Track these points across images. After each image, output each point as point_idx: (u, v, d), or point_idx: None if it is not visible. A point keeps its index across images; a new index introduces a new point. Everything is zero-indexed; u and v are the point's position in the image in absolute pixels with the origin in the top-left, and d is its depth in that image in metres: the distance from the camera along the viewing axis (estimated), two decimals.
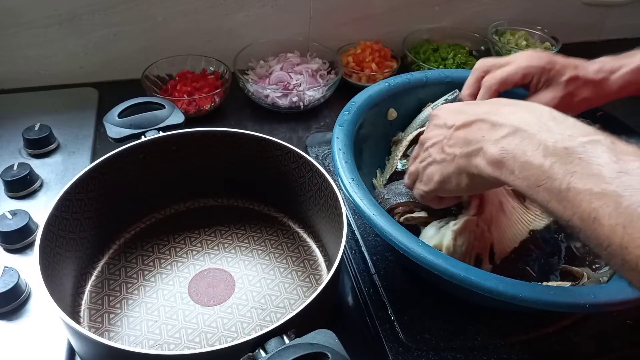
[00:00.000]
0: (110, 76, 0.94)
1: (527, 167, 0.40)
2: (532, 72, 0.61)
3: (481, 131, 0.45)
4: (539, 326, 0.59)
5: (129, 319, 0.57)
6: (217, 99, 0.88)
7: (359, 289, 0.62)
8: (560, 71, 0.61)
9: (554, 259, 0.59)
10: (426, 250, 0.49)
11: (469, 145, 0.46)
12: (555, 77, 0.61)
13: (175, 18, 0.91)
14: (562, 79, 0.61)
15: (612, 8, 1.16)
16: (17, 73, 0.90)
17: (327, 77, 0.95)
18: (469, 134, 0.47)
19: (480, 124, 0.46)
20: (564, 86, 0.61)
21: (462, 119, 0.48)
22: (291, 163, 0.64)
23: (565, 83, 0.61)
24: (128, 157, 0.62)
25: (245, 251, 0.65)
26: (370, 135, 0.69)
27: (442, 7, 1.04)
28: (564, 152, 0.38)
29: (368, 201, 0.54)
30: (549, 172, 0.38)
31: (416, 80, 0.72)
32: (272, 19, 0.96)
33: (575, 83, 0.61)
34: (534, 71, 0.61)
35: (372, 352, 0.57)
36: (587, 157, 0.37)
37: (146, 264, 0.63)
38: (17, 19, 0.85)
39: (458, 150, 0.48)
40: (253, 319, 0.57)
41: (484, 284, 0.46)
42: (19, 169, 0.71)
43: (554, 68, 0.61)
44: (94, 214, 0.60)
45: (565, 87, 0.61)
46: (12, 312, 0.57)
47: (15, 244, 0.63)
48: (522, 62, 0.62)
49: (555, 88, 0.61)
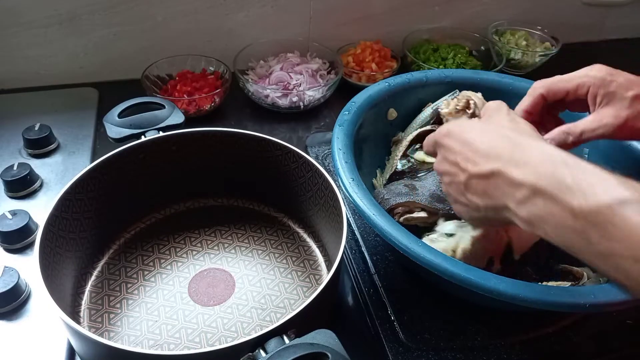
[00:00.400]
0: (110, 76, 0.94)
1: (560, 230, 0.38)
2: (588, 82, 0.54)
3: (500, 188, 0.43)
4: (539, 326, 0.59)
5: (129, 319, 0.57)
6: (217, 99, 0.88)
7: (359, 289, 0.62)
8: (625, 85, 0.53)
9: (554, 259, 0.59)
10: (426, 250, 0.49)
11: (492, 199, 0.44)
12: (618, 91, 0.53)
13: (175, 18, 0.91)
14: (628, 94, 0.52)
15: (612, 8, 1.16)
16: (17, 73, 0.90)
17: (327, 77, 0.95)
18: (488, 188, 0.44)
19: (497, 179, 0.43)
20: (630, 103, 0.52)
21: (477, 168, 0.45)
22: (291, 163, 0.64)
23: (631, 99, 0.52)
24: (128, 157, 0.62)
25: (245, 251, 0.65)
26: (370, 135, 0.69)
27: (442, 7, 1.04)
28: (593, 216, 0.36)
29: (368, 201, 0.54)
30: (584, 236, 0.37)
31: (416, 80, 0.72)
32: (272, 19, 0.96)
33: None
34: (591, 81, 0.54)
35: (372, 352, 0.57)
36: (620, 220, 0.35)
37: (146, 264, 0.63)
38: (17, 19, 0.85)
39: (481, 202, 0.45)
40: (253, 319, 0.57)
41: (484, 284, 0.46)
42: (19, 169, 0.71)
43: (617, 81, 0.53)
44: (94, 214, 0.60)
45: (631, 104, 0.52)
46: (12, 312, 0.57)
47: (15, 244, 0.63)
48: (579, 72, 0.56)
49: (619, 105, 0.53)
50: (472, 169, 0.45)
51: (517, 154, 0.43)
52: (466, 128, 0.49)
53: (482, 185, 0.45)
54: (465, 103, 0.60)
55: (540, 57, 1.03)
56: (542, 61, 1.03)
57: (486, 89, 0.72)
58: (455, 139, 0.49)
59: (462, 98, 0.62)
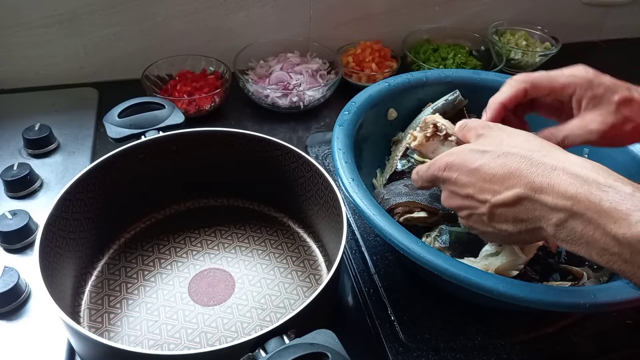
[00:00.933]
0: (110, 76, 0.94)
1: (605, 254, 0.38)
2: (575, 83, 0.53)
3: (531, 211, 0.41)
4: (539, 326, 0.59)
5: (129, 319, 0.57)
6: (217, 99, 0.88)
7: (359, 289, 0.62)
8: (611, 88, 0.52)
9: (554, 259, 0.59)
10: (426, 250, 0.49)
11: (524, 223, 0.43)
12: (605, 95, 0.51)
13: (175, 18, 0.91)
14: (615, 98, 0.51)
15: (612, 8, 1.16)
16: (17, 73, 0.90)
17: (327, 77, 0.95)
18: (518, 213, 0.42)
19: (525, 203, 0.42)
20: (616, 107, 0.51)
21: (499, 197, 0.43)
22: (291, 163, 0.64)
23: (617, 104, 0.51)
24: (128, 157, 0.62)
25: (245, 251, 0.65)
26: (370, 135, 0.69)
27: (442, 7, 1.04)
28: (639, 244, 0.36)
29: (368, 201, 0.54)
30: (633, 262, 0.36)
31: (416, 80, 0.72)
32: (272, 19, 0.96)
33: (629, 106, 0.51)
34: (579, 82, 0.52)
35: (372, 352, 0.57)
36: None
37: (146, 264, 0.63)
38: (17, 19, 0.85)
39: (513, 228, 0.44)
40: (253, 319, 0.57)
41: (484, 284, 0.46)
42: (19, 169, 0.71)
43: (604, 84, 0.52)
44: (94, 214, 0.60)
45: (617, 108, 0.51)
46: (12, 312, 0.57)
47: (15, 244, 0.63)
48: (565, 71, 0.54)
49: (606, 109, 0.51)
50: (493, 199, 0.43)
51: (538, 176, 0.41)
52: (466, 156, 0.46)
53: (511, 213, 0.43)
54: (433, 128, 0.56)
55: (540, 57, 1.03)
56: (542, 61, 1.03)
57: (486, 89, 0.71)
58: (459, 170, 0.46)
59: (427, 125, 0.57)
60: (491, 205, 0.44)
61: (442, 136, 0.55)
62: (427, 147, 0.57)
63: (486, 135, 0.48)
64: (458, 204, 0.48)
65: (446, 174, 0.48)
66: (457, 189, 0.47)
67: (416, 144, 0.57)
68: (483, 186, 0.44)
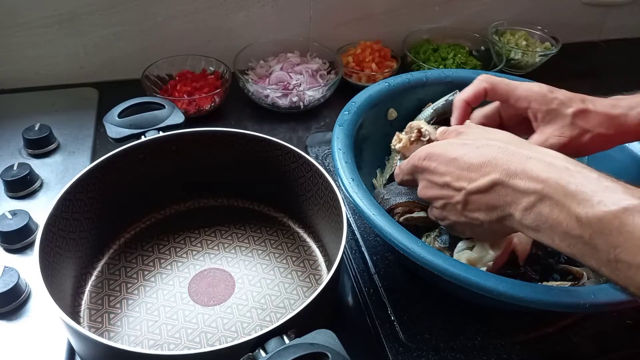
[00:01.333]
0: (110, 76, 0.94)
1: (567, 237, 0.39)
2: (530, 97, 0.54)
3: (503, 197, 0.43)
4: (539, 326, 0.59)
5: (129, 319, 0.57)
6: (217, 99, 0.88)
7: (359, 289, 0.62)
8: (565, 102, 0.53)
9: (554, 259, 0.59)
10: (426, 250, 0.49)
11: (494, 210, 0.44)
12: (559, 109, 0.53)
13: (175, 18, 0.91)
14: (569, 110, 0.53)
15: (612, 8, 1.16)
16: (17, 73, 0.90)
17: (327, 77, 0.95)
18: (490, 199, 0.44)
19: (499, 189, 0.43)
20: (571, 120, 0.53)
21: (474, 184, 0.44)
22: (291, 163, 0.64)
23: (572, 116, 0.53)
24: (128, 157, 0.62)
25: (245, 251, 0.65)
26: (370, 135, 0.69)
27: (442, 7, 1.04)
28: (599, 224, 0.36)
29: (368, 201, 0.54)
30: (591, 244, 0.37)
31: (416, 80, 0.72)
32: (272, 19, 0.96)
33: (585, 117, 0.53)
34: (534, 97, 0.54)
35: (372, 352, 0.57)
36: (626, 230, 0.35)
37: (146, 264, 0.63)
38: (17, 19, 0.85)
39: (484, 216, 0.45)
40: (253, 319, 0.57)
41: (484, 284, 0.46)
42: (19, 169, 0.71)
43: (558, 98, 0.54)
44: (94, 214, 0.60)
45: (572, 121, 0.53)
46: (12, 312, 0.57)
47: (15, 244, 0.63)
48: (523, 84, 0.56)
49: (561, 122, 0.53)
50: (469, 186, 0.45)
51: (513, 163, 0.42)
52: (447, 147, 0.48)
53: (484, 199, 0.44)
54: (418, 133, 0.58)
55: (540, 57, 1.03)
56: (542, 61, 1.03)
57: None
58: (438, 160, 0.48)
59: (412, 129, 0.59)
60: (467, 192, 0.45)
61: (425, 141, 0.58)
62: (410, 149, 0.59)
63: (466, 132, 0.50)
64: (434, 194, 0.49)
65: (425, 162, 0.49)
66: (434, 178, 0.48)
67: (400, 146, 0.60)
68: (460, 174, 0.45)
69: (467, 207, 0.46)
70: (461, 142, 0.48)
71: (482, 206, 0.45)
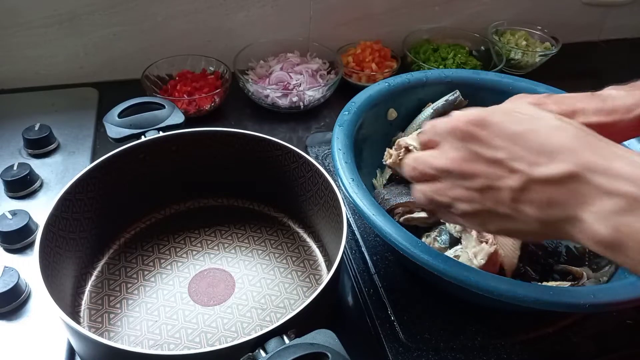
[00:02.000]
0: (110, 76, 0.94)
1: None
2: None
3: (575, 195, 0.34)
4: (539, 326, 0.59)
5: (129, 319, 0.57)
6: (217, 99, 0.88)
7: (359, 289, 0.62)
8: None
9: (554, 259, 0.59)
10: (426, 250, 0.49)
11: (556, 208, 0.35)
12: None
13: (175, 18, 0.91)
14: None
15: (612, 8, 1.16)
16: (17, 73, 0.90)
17: (327, 77, 0.95)
18: (557, 194, 0.35)
19: (573, 183, 0.34)
20: None
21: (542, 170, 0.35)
22: (291, 163, 0.64)
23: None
24: (128, 157, 0.62)
25: (245, 251, 0.65)
26: (370, 135, 0.69)
27: (442, 7, 1.04)
28: None
29: (368, 201, 0.54)
30: None
31: (416, 80, 0.72)
32: (272, 19, 0.96)
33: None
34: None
35: (372, 352, 0.57)
36: None
37: (146, 264, 0.63)
38: (17, 19, 0.85)
39: (536, 213, 0.36)
40: (253, 319, 0.57)
41: (484, 285, 0.46)
42: (19, 169, 0.71)
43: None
44: (94, 214, 0.60)
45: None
46: (12, 312, 0.57)
47: (15, 244, 0.63)
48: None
49: None
50: (532, 171, 0.36)
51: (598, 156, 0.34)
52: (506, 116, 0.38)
53: (548, 193, 0.35)
54: (405, 150, 0.58)
55: (540, 57, 1.03)
56: (542, 61, 1.03)
57: (486, 89, 0.72)
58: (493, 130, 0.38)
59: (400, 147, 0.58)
60: (527, 179, 0.36)
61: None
62: (400, 165, 0.59)
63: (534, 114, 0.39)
64: (475, 169, 0.39)
65: (475, 129, 0.39)
66: (483, 151, 0.38)
67: (391, 161, 0.60)
68: (521, 154, 0.36)
69: (520, 198, 0.37)
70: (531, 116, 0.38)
71: (542, 200, 0.36)
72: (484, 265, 0.52)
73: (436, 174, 0.42)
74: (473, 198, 0.40)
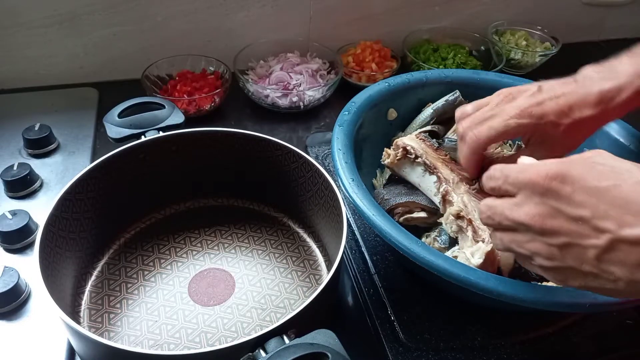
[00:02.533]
0: (110, 76, 0.94)
1: None
2: (523, 131, 0.52)
3: None
4: (539, 326, 0.59)
5: (129, 319, 0.57)
6: (217, 99, 0.88)
7: (359, 289, 0.62)
8: (555, 122, 0.51)
9: None
10: (426, 250, 0.49)
11: None
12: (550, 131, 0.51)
13: (175, 18, 0.91)
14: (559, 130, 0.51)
15: (612, 8, 1.16)
16: (17, 73, 0.90)
17: (327, 77, 0.95)
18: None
19: None
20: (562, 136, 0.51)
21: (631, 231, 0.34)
22: (291, 163, 0.64)
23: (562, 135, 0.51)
24: (128, 157, 0.62)
25: (245, 251, 0.65)
26: (370, 135, 0.69)
27: (442, 7, 1.04)
28: None
29: (368, 201, 0.54)
30: None
31: (416, 80, 0.72)
32: (272, 19, 0.96)
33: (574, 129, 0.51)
34: (525, 130, 0.52)
35: (372, 352, 0.57)
36: None
37: (146, 264, 0.63)
38: (17, 19, 0.85)
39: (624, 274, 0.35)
40: (253, 319, 0.57)
41: (484, 285, 0.46)
42: (19, 169, 0.71)
43: (548, 120, 0.51)
44: (94, 214, 0.60)
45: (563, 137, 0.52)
46: (12, 312, 0.57)
47: (15, 244, 0.63)
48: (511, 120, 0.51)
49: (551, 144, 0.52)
50: (620, 231, 0.34)
51: None
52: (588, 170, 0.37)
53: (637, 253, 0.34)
54: (403, 151, 0.60)
55: (540, 57, 1.03)
56: (542, 61, 1.03)
57: (486, 89, 0.71)
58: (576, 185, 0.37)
59: (398, 147, 0.61)
60: (614, 239, 0.34)
61: (412, 159, 0.59)
62: (398, 165, 0.62)
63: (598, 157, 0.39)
64: (558, 227, 0.37)
65: (557, 185, 0.37)
66: (566, 208, 0.37)
67: (389, 161, 0.62)
68: (608, 212, 0.35)
69: (605, 257, 0.35)
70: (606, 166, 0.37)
71: (631, 261, 0.34)
72: (481, 264, 0.52)
73: (514, 226, 0.41)
74: (554, 255, 0.38)
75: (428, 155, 0.59)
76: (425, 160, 0.58)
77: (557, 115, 0.51)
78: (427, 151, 0.59)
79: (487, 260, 0.52)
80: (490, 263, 0.52)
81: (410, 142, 0.61)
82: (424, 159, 0.59)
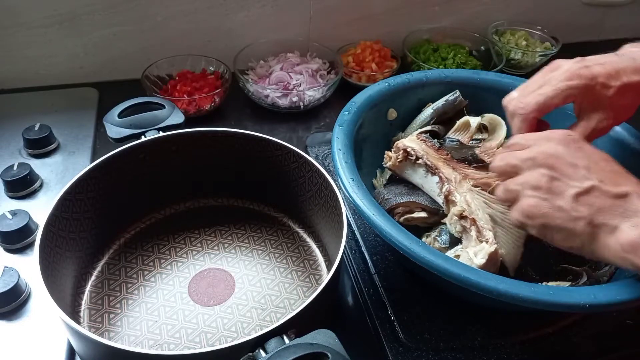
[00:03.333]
0: (110, 76, 0.94)
1: None
2: (573, 95, 0.52)
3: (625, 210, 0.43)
4: (539, 326, 0.59)
5: (129, 319, 0.57)
6: (217, 99, 0.88)
7: (359, 289, 0.62)
8: (605, 83, 0.52)
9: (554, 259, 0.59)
10: (426, 250, 0.49)
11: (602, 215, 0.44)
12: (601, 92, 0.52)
13: (175, 18, 0.91)
14: (610, 92, 0.52)
15: (612, 8, 1.16)
16: (17, 73, 0.90)
17: (327, 77, 0.95)
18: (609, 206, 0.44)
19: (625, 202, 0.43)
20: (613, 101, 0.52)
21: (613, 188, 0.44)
22: (291, 163, 0.64)
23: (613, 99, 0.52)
24: (128, 157, 0.62)
25: (245, 251, 0.65)
26: (370, 135, 0.69)
27: (442, 7, 1.04)
28: None
29: (368, 201, 0.54)
30: None
31: (416, 80, 0.72)
32: (272, 19, 0.96)
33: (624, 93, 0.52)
34: (576, 92, 0.52)
35: (372, 352, 0.57)
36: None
37: (146, 264, 0.63)
38: (17, 19, 0.85)
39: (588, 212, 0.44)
40: (253, 319, 0.57)
41: (484, 284, 0.46)
42: (19, 169, 0.71)
43: (598, 81, 0.52)
44: (94, 214, 0.60)
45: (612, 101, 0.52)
46: (12, 312, 0.57)
47: (15, 244, 0.64)
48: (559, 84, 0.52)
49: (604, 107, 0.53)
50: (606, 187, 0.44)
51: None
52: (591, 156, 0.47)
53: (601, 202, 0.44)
54: (404, 153, 0.60)
55: (540, 57, 1.03)
56: (542, 61, 1.03)
57: (486, 89, 0.72)
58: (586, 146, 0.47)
59: (398, 149, 0.61)
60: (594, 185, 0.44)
61: (413, 160, 0.60)
62: (400, 167, 0.62)
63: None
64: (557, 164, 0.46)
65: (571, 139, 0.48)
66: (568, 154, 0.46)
67: (391, 163, 0.63)
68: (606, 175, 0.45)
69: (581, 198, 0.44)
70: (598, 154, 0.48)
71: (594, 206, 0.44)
72: (484, 264, 0.52)
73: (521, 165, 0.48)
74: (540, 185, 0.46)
75: (429, 155, 0.59)
76: (426, 161, 0.59)
77: (606, 77, 0.52)
78: (428, 152, 0.59)
79: (490, 261, 0.52)
80: (493, 263, 0.52)
81: (410, 143, 0.61)
82: (425, 160, 0.59)
